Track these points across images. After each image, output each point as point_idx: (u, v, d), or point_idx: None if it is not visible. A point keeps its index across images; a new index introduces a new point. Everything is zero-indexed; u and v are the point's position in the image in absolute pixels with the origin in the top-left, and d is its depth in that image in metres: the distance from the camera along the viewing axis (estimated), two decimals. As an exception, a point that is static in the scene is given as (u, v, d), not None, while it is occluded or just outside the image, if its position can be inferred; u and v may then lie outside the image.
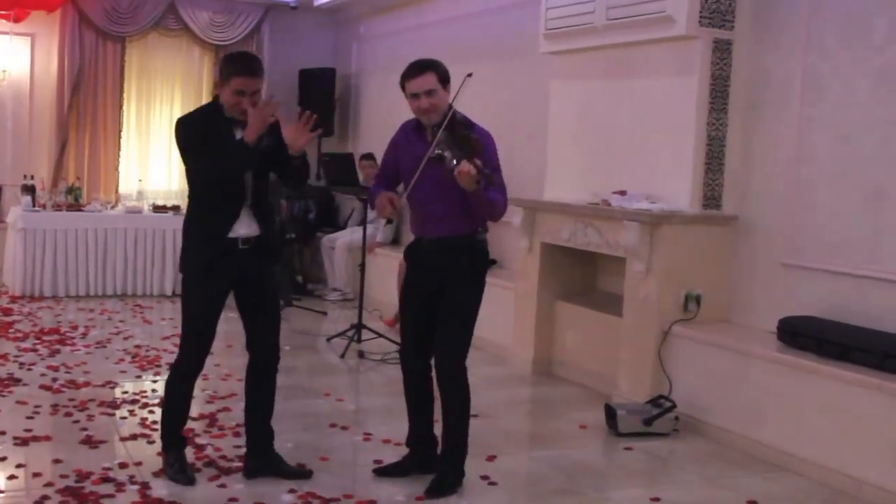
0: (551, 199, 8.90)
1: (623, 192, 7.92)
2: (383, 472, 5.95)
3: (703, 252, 7.55)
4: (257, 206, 5.63)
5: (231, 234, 5.57)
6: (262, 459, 5.85)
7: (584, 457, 6.63)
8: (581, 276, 8.97)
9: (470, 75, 5.41)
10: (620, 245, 7.73)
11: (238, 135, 5.45)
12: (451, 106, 5.56)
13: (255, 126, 5.36)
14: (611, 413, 7.13)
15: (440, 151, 5.33)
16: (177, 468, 5.76)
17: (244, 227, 5.59)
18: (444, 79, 5.60)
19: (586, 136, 8.66)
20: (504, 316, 9.34)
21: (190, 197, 5.78)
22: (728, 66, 7.54)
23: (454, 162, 5.25)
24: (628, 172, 8.12)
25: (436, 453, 5.93)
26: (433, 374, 5.78)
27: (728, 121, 7.57)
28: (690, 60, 7.54)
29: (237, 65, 5.51)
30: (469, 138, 5.35)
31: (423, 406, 5.93)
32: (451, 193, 5.42)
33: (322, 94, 14.16)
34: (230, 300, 5.72)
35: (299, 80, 14.49)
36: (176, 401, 5.84)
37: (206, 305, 5.64)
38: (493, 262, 10.30)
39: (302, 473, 5.87)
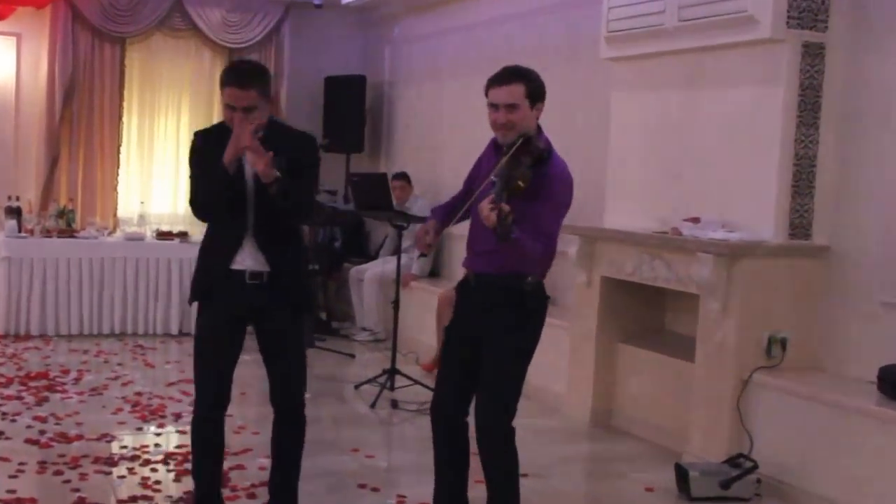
0: (612, 226, 8.89)
1: (696, 220, 7.91)
2: None
3: (790, 289, 7.52)
4: (263, 238, 5.65)
5: (234, 266, 5.65)
6: None
7: (652, 525, 6.62)
8: (647, 315, 8.97)
9: (526, 138, 5.39)
10: (693, 280, 7.72)
11: (245, 163, 5.55)
12: (539, 129, 5.53)
13: (231, 146, 5.42)
14: (682, 474, 7.10)
15: (494, 178, 5.25)
16: None
17: (249, 260, 5.65)
18: (535, 95, 5.51)
19: (653, 154, 8.66)
20: (558, 360, 9.32)
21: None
22: (820, 74, 7.52)
23: (493, 195, 5.16)
24: (702, 196, 8.10)
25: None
26: (469, 428, 5.75)
27: (819, 136, 7.55)
28: (776, 67, 7.52)
29: (227, 74, 5.58)
30: (517, 174, 5.25)
31: (456, 465, 5.86)
32: None
33: (350, 104, 14.22)
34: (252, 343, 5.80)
35: (325, 90, 14.56)
36: (196, 455, 5.90)
37: (210, 340, 5.73)
38: (546, 297, 10.29)
39: None
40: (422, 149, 13.32)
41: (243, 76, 5.53)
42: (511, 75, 5.49)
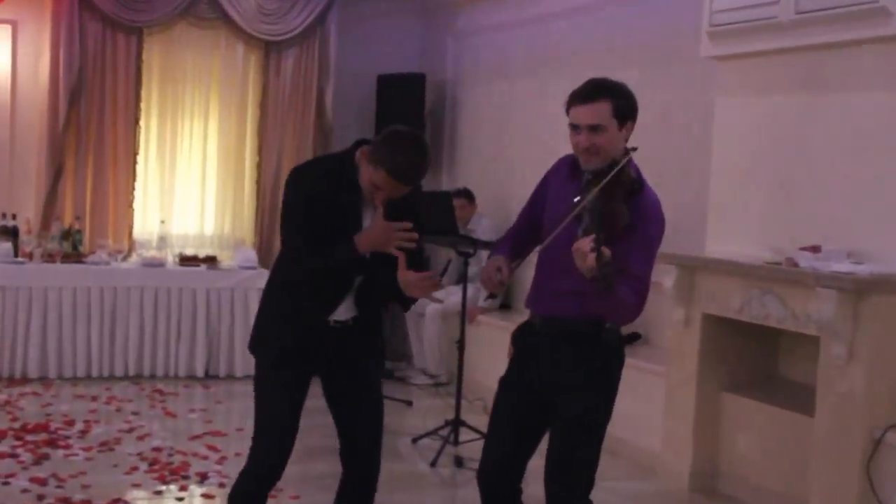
0: (716, 254, 8.88)
1: (817, 249, 7.89)
2: None
3: (930, 331, 7.50)
4: (362, 294, 5.79)
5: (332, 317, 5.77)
6: None
7: None
8: (756, 359, 8.98)
9: (635, 150, 5.46)
10: (812, 319, 7.72)
11: (366, 218, 5.65)
12: (627, 153, 5.44)
13: (374, 242, 5.53)
14: (799, 550, 7.11)
15: (583, 212, 5.19)
16: None
17: (341, 313, 5.78)
18: (624, 114, 5.42)
19: (766, 171, 8.67)
20: (652, 411, 9.37)
21: (280, 262, 5.94)
22: (967, 75, 7.52)
23: (579, 232, 5.13)
24: (825, 221, 8.11)
25: None
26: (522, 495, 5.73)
27: (968, 150, 7.55)
28: (912, 68, 7.55)
29: (398, 164, 5.45)
30: (615, 210, 5.21)
31: None
32: None
33: (407, 107, 14.21)
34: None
35: (377, 89, 14.62)
36: None
37: (286, 399, 5.81)
38: (637, 336, 10.33)
39: None
40: (490, 159, 13.35)
41: (416, 176, 5.59)
42: (595, 90, 5.41)
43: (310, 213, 5.61)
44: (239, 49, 14.25)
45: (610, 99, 5.37)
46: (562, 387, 5.46)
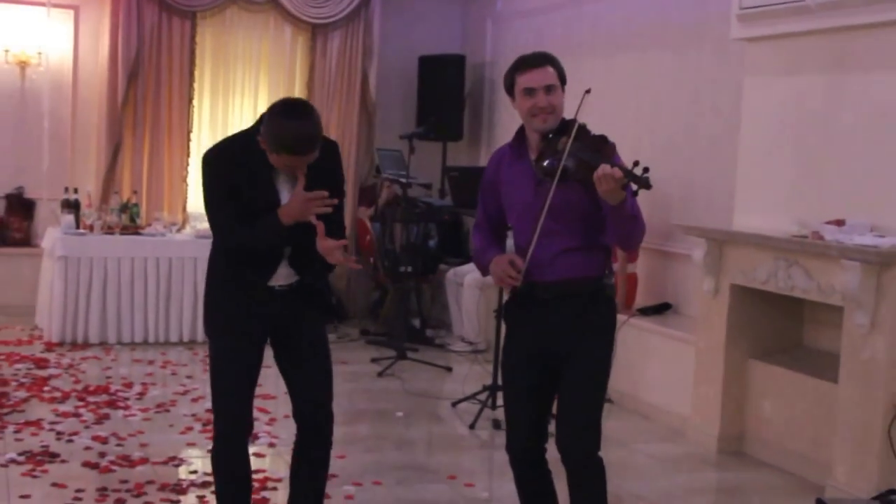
0: (744, 228, 8.87)
1: (841, 222, 7.86)
2: None
3: (949, 302, 7.46)
4: (298, 258, 5.74)
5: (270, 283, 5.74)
6: None
7: (789, 568, 6.61)
8: (782, 328, 8.94)
9: (589, 91, 5.44)
10: (836, 291, 7.70)
11: (280, 180, 5.60)
12: (574, 120, 5.45)
13: (295, 213, 5.48)
14: (824, 510, 7.08)
15: (568, 162, 5.25)
16: None
17: (282, 279, 5.75)
18: (563, 78, 5.60)
19: (792, 148, 8.62)
20: (682, 377, 9.36)
21: (214, 246, 5.90)
22: None
23: (589, 168, 5.14)
24: (848, 196, 8.06)
25: None
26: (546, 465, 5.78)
27: None
28: (935, 49, 7.48)
29: (280, 141, 5.42)
30: (603, 138, 5.33)
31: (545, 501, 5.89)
32: (573, 222, 5.45)
33: (448, 87, 14.28)
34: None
35: (419, 70, 14.65)
36: (220, 485, 5.93)
37: (236, 364, 5.77)
38: (668, 306, 10.32)
39: None
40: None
41: (303, 145, 5.48)
42: (542, 57, 5.58)
43: (228, 193, 5.56)
44: (287, 32, 14.23)
45: (552, 64, 5.56)
46: (572, 342, 5.50)
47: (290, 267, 5.71)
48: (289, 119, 5.38)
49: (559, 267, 5.48)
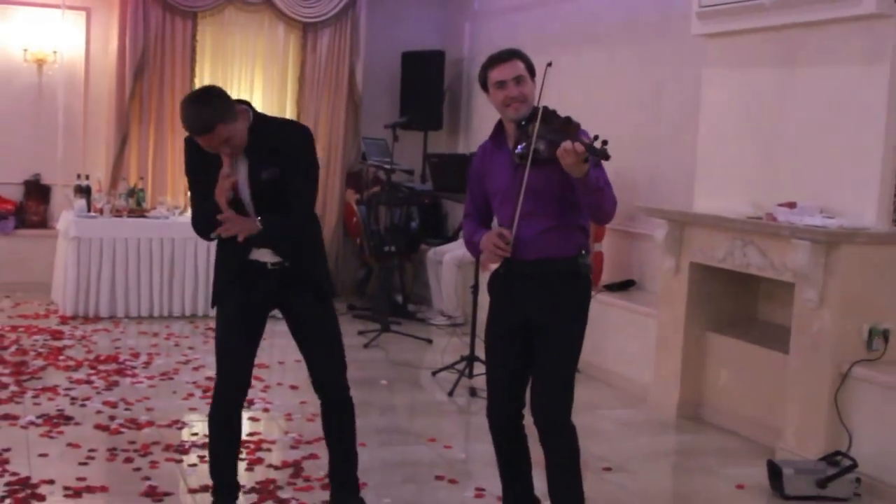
0: (703, 210, 8.81)
1: (792, 205, 7.79)
2: None
3: (893, 278, 7.38)
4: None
5: (252, 257, 5.76)
6: None
7: (743, 524, 6.55)
8: (738, 303, 8.89)
9: (550, 65, 5.41)
10: (788, 268, 7.63)
11: (241, 164, 5.67)
12: (538, 103, 5.51)
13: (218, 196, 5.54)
14: (775, 471, 7.01)
15: (538, 144, 5.27)
16: None
17: (267, 255, 5.77)
18: (532, 69, 5.61)
19: (747, 136, 8.56)
20: (644, 349, 9.33)
21: None
22: (928, 52, 7.38)
23: (556, 147, 5.15)
24: (799, 180, 8.01)
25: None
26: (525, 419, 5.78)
27: (926, 118, 7.42)
28: (880, 45, 7.40)
29: (183, 124, 5.55)
30: (568, 119, 5.29)
31: (521, 467, 5.88)
32: (549, 203, 5.43)
33: (429, 81, 14.27)
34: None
35: (402, 65, 14.62)
36: (214, 440, 5.96)
37: (228, 329, 5.84)
38: (632, 282, 10.30)
39: None
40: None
41: (198, 124, 5.52)
42: (510, 53, 5.61)
43: (194, 174, 5.77)
44: (280, 30, 14.21)
45: (521, 58, 5.59)
46: (548, 317, 5.50)
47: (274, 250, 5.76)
48: (188, 104, 5.49)
49: (537, 246, 5.49)
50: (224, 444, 5.91)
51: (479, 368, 9.50)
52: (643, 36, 10.53)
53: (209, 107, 5.42)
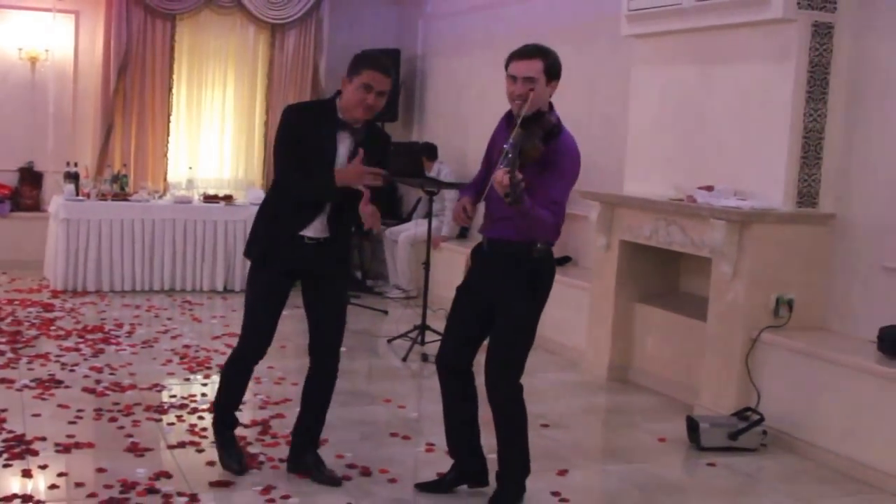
0: (631, 193, 8.88)
1: (710, 188, 7.88)
2: (424, 487, 5.99)
3: (797, 253, 7.48)
4: (335, 215, 5.78)
5: (304, 232, 5.77)
6: (301, 460, 6.07)
7: (664, 472, 6.62)
8: (662, 276, 8.95)
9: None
10: (706, 245, 7.70)
11: (342, 141, 5.71)
12: (551, 106, 5.54)
13: (349, 179, 5.56)
14: (693, 425, 7.11)
15: (508, 148, 5.23)
16: (230, 453, 6.07)
17: (314, 231, 5.78)
18: (552, 72, 5.50)
19: (670, 127, 8.62)
20: (578, 318, 9.36)
21: (273, 185, 6.04)
22: (828, 52, 7.46)
23: (502, 165, 5.17)
24: (716, 166, 8.08)
25: (482, 465, 5.94)
26: (475, 379, 5.82)
27: (827, 111, 7.50)
28: (787, 45, 7.48)
29: (370, 60, 5.64)
30: (529, 145, 5.27)
31: (462, 417, 5.89)
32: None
33: (385, 76, 14.13)
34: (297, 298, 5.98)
35: (361, 62, 14.45)
36: (229, 382, 6.09)
37: (265, 294, 5.87)
38: (568, 259, 10.33)
39: (332, 481, 5.99)
40: (451, 118, 13.27)
41: (388, 64, 5.72)
42: (534, 51, 5.48)
43: (295, 143, 5.68)
44: (250, 31, 14.18)
45: (543, 58, 5.46)
46: (505, 293, 5.54)
47: (326, 222, 5.75)
48: (375, 53, 5.83)
49: (501, 227, 5.54)
50: (236, 386, 6.06)
51: (430, 337, 9.59)
52: (579, 36, 10.50)
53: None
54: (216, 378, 8.14)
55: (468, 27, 13.00)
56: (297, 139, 5.69)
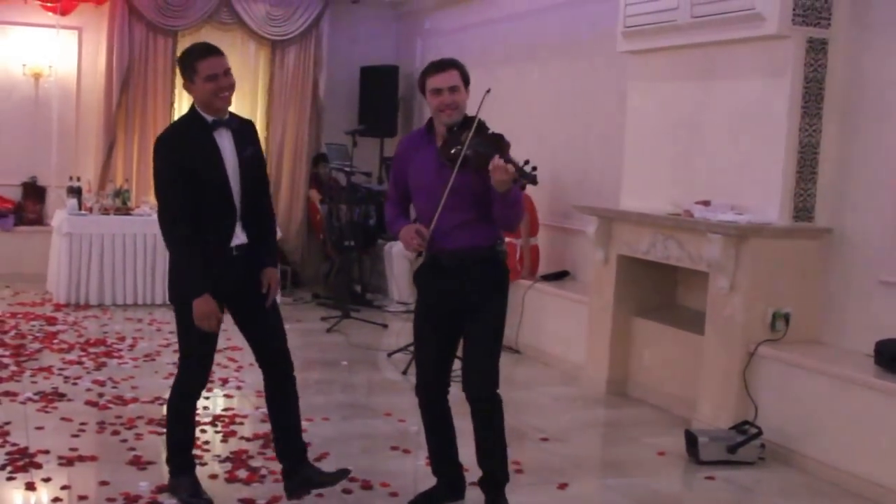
0: (629, 208, 8.84)
1: (706, 203, 7.85)
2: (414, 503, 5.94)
3: (794, 267, 7.46)
4: (248, 217, 5.62)
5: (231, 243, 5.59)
6: (297, 478, 5.79)
7: (663, 486, 6.59)
8: (660, 291, 8.91)
9: (489, 91, 5.47)
10: (703, 259, 7.68)
11: (223, 138, 5.55)
12: (476, 115, 5.49)
13: (199, 314, 5.41)
14: (691, 439, 7.07)
15: (468, 151, 5.30)
16: (191, 492, 5.78)
17: (237, 239, 5.59)
18: (467, 79, 5.60)
19: (667, 142, 8.60)
20: (577, 332, 9.33)
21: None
22: (823, 68, 7.44)
23: (485, 159, 5.23)
24: (712, 181, 8.05)
25: (463, 478, 5.93)
26: (447, 399, 5.80)
27: (822, 126, 7.48)
28: (782, 61, 7.46)
29: (196, 52, 5.57)
30: (500, 137, 5.38)
31: (448, 436, 5.88)
32: (467, 199, 5.46)
33: (384, 92, 14.24)
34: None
35: (361, 78, 14.57)
36: (183, 423, 5.86)
37: (201, 332, 5.56)
38: (566, 273, 10.32)
39: (340, 473, 5.86)
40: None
41: (214, 46, 5.71)
42: (448, 63, 5.58)
43: (179, 176, 5.45)
44: (251, 47, 14.22)
45: (457, 69, 5.57)
46: (473, 300, 5.55)
47: (243, 229, 5.57)
48: (190, 48, 5.68)
49: (458, 237, 5.52)
50: (190, 426, 5.89)
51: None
52: (575, 53, 10.52)
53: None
54: (217, 391, 8.17)
55: (465, 44, 12.98)
56: (180, 170, 5.42)
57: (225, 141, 5.55)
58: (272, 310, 5.72)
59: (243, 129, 5.69)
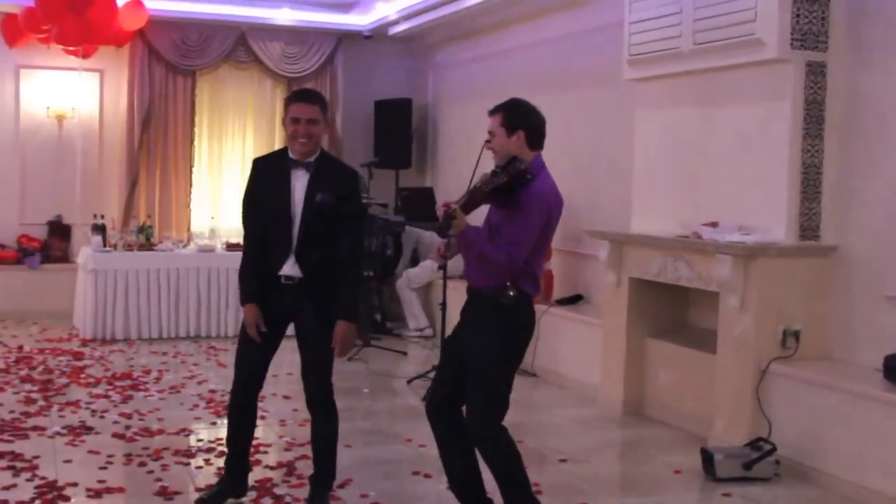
0: (639, 231, 8.83)
1: (714, 224, 7.84)
2: None
3: (802, 285, 7.44)
4: (303, 254, 5.82)
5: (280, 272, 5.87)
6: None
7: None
8: (672, 311, 8.90)
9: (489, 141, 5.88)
10: (713, 279, 7.66)
11: (298, 179, 5.81)
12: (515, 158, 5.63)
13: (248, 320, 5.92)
14: (707, 457, 7.04)
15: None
16: (206, 495, 6.10)
17: (288, 269, 5.85)
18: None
19: (674, 166, 8.59)
20: (592, 354, 9.31)
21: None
22: (822, 89, 7.44)
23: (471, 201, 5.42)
24: (719, 203, 8.04)
25: (483, 494, 5.77)
26: (462, 429, 5.67)
27: (824, 146, 7.47)
28: (782, 84, 7.46)
29: (292, 95, 5.98)
30: (481, 188, 5.45)
31: (461, 460, 5.71)
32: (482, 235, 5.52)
33: (398, 125, 14.28)
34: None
35: (375, 112, 14.59)
36: (229, 424, 6.20)
37: (245, 338, 5.97)
38: (580, 297, 10.30)
39: None
40: (463, 163, 13.25)
41: (309, 93, 6.01)
42: (313, 95, 5.96)
43: (253, 192, 5.96)
44: (268, 84, 14.34)
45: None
46: (467, 338, 5.56)
47: (296, 264, 5.81)
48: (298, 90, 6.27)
49: (468, 271, 5.60)
50: (234, 433, 6.14)
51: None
52: (583, 82, 10.55)
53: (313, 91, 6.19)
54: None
55: (475, 75, 13.02)
56: (254, 187, 5.93)
57: (298, 181, 5.81)
58: (313, 349, 5.97)
59: (325, 176, 5.85)
